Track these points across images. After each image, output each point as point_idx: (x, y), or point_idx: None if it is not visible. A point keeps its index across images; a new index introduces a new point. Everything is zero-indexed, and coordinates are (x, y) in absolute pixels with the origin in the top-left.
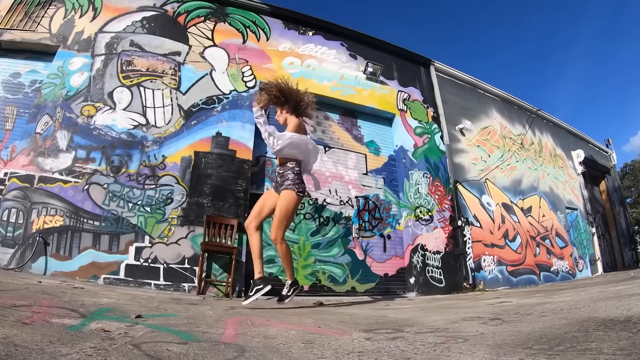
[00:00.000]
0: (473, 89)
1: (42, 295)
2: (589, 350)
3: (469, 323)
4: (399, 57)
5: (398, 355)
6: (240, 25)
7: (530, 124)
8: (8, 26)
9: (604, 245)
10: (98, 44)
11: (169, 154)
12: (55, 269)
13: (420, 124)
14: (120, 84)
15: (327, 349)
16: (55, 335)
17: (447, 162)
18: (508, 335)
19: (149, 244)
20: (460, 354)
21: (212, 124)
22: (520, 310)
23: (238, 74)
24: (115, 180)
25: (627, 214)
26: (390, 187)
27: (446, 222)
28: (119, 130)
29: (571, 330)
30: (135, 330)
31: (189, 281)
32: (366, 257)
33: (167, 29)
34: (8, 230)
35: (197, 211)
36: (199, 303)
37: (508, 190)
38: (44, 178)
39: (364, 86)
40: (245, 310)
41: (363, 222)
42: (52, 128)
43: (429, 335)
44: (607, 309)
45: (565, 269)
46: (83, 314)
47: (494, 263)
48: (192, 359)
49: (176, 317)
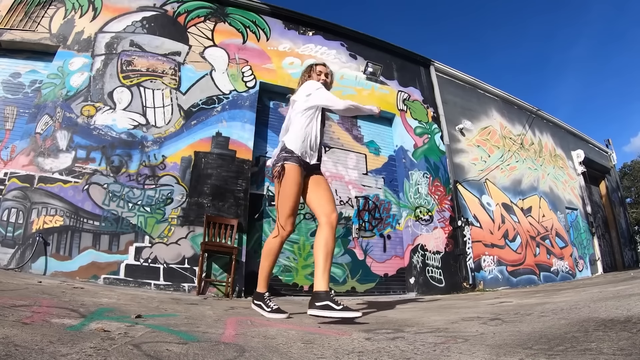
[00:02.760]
0: (473, 89)
1: (42, 295)
2: (589, 350)
3: (469, 323)
4: (399, 57)
5: (398, 355)
6: (240, 25)
7: (530, 124)
8: (8, 26)
9: (603, 246)
10: (98, 44)
11: (169, 154)
12: (55, 269)
13: (420, 124)
14: (120, 84)
15: (327, 349)
16: (55, 335)
17: (447, 162)
18: (508, 335)
19: (149, 244)
20: (460, 354)
21: (212, 124)
22: (520, 311)
23: (238, 74)
24: (115, 180)
25: (627, 214)
26: (390, 187)
27: (446, 222)
28: (119, 130)
29: (571, 330)
30: (135, 330)
31: (189, 281)
32: (366, 257)
33: (167, 29)
34: (8, 230)
35: (197, 211)
36: (199, 303)
37: (508, 191)
38: (44, 178)
39: (364, 86)
40: (245, 310)
41: (363, 222)
42: (52, 128)
43: (429, 335)
44: (607, 309)
45: (565, 269)
46: (83, 314)
47: (493, 263)
48: (192, 359)
49: (176, 317)
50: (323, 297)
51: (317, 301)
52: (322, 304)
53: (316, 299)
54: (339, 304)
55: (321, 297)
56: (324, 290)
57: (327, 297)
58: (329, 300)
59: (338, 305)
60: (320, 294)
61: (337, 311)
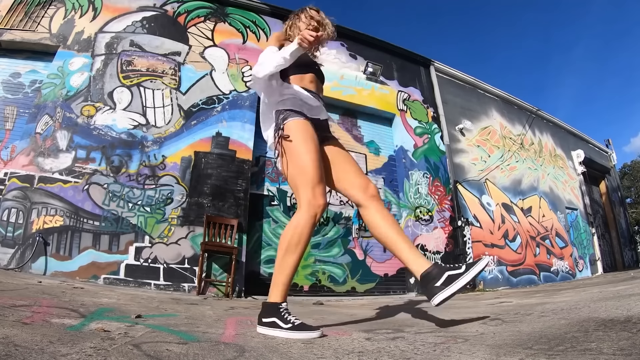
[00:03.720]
0: (473, 89)
1: (42, 295)
2: (589, 350)
3: (469, 323)
4: (399, 57)
5: (398, 355)
6: (240, 25)
7: (530, 124)
8: (8, 26)
9: (603, 246)
10: (98, 44)
11: (169, 154)
12: (55, 269)
13: (420, 124)
14: (120, 84)
15: (327, 349)
16: (55, 335)
17: (447, 162)
18: (508, 335)
19: (149, 244)
20: (460, 354)
21: (212, 124)
22: (520, 311)
23: (238, 74)
24: (115, 180)
25: (627, 214)
26: (390, 187)
27: (446, 222)
28: (119, 130)
29: (571, 330)
30: (135, 330)
31: (189, 281)
32: (366, 257)
33: (167, 29)
34: (8, 230)
35: (197, 211)
36: (199, 303)
37: (508, 190)
38: (44, 178)
39: (364, 86)
40: (245, 311)
41: (363, 222)
42: (52, 128)
43: (429, 335)
44: (607, 309)
45: (565, 269)
46: (83, 314)
47: (494, 263)
48: (192, 359)
49: (176, 317)
50: (437, 273)
51: (435, 281)
52: (445, 277)
53: (432, 279)
54: (464, 269)
55: (436, 275)
56: (430, 266)
57: (442, 270)
58: (448, 270)
59: (466, 269)
60: (432, 271)
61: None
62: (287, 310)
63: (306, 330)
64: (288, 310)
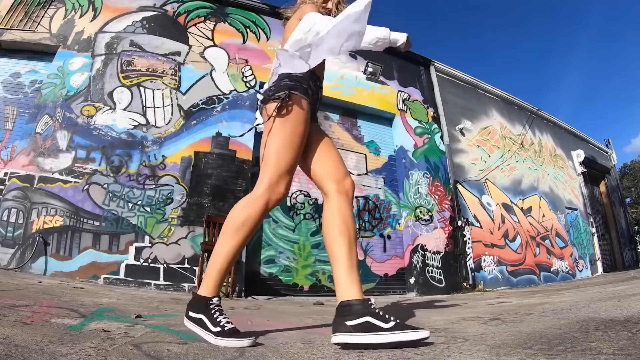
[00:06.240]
0: (473, 89)
1: (42, 295)
2: (589, 350)
3: (469, 323)
4: (399, 57)
5: (398, 355)
6: (240, 25)
7: (530, 124)
8: (8, 26)
9: (603, 246)
10: (98, 44)
11: (169, 154)
12: (55, 269)
13: (420, 124)
14: (120, 84)
15: (327, 349)
16: (55, 335)
17: (447, 162)
18: (508, 335)
19: (149, 244)
20: (460, 354)
21: (212, 124)
22: (520, 311)
23: (238, 74)
24: (115, 180)
25: (627, 214)
26: (390, 187)
27: (446, 222)
28: (119, 130)
29: (571, 330)
30: (135, 330)
31: (189, 281)
32: (366, 257)
33: (167, 29)
34: (8, 230)
35: (197, 211)
36: None
37: (508, 191)
38: (44, 178)
39: (364, 86)
40: (246, 311)
41: (363, 222)
42: (52, 128)
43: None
44: (607, 309)
45: (565, 269)
46: (83, 314)
47: (494, 263)
48: (192, 359)
49: (176, 317)
50: (358, 310)
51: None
52: (361, 321)
53: (348, 314)
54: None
55: (355, 311)
56: (357, 298)
57: (366, 310)
58: (371, 315)
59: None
60: (354, 306)
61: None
62: (218, 307)
63: (237, 337)
64: (220, 307)
